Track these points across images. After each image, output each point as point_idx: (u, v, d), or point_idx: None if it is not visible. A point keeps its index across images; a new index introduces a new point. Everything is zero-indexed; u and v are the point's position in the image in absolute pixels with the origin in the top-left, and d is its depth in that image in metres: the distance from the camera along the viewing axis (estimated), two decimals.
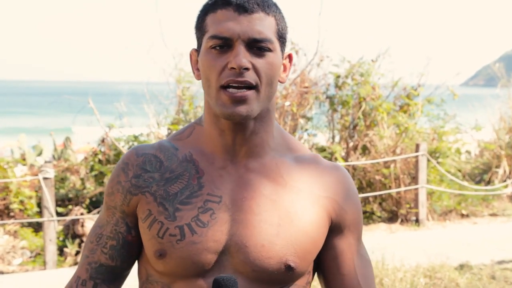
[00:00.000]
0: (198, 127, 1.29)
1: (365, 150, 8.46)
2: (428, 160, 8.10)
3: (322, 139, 9.19)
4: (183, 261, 1.19)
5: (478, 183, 9.48)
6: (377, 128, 8.35)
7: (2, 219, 7.02)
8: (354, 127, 8.52)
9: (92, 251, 1.30)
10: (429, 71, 8.95)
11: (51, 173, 6.16)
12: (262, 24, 1.19)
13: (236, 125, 1.21)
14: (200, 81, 1.24)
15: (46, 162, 6.77)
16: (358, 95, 8.36)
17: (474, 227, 7.95)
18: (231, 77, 1.16)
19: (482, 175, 9.76)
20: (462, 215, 8.54)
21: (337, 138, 8.73)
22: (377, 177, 8.22)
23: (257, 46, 1.18)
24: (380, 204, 8.37)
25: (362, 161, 8.17)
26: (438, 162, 8.40)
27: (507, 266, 5.81)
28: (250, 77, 1.17)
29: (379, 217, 8.27)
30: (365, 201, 8.35)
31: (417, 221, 7.91)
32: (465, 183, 8.47)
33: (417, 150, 7.89)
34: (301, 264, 1.21)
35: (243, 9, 1.18)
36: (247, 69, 1.16)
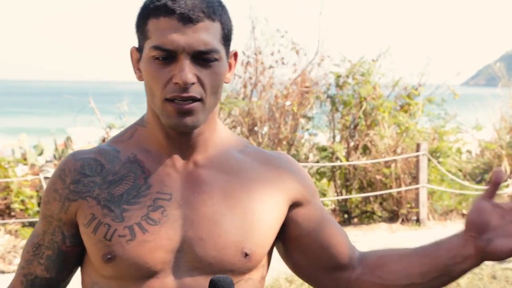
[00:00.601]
0: (140, 128, 1.26)
1: (366, 150, 8.47)
2: (429, 160, 8.10)
3: (322, 139, 9.19)
4: (135, 261, 1.16)
5: (479, 183, 9.48)
6: (377, 128, 8.35)
7: (3, 219, 7.03)
8: (355, 126, 8.52)
9: (28, 262, 1.26)
10: (430, 71, 8.96)
11: (52, 172, 6.16)
12: (207, 34, 1.15)
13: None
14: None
15: (47, 161, 6.79)
16: (359, 95, 8.36)
17: None
18: (176, 93, 1.14)
19: (483, 174, 9.77)
20: (463, 215, 8.54)
21: (338, 138, 8.73)
22: (378, 177, 8.22)
23: (202, 58, 1.15)
24: (380, 204, 8.37)
25: (363, 161, 8.17)
26: (439, 162, 8.40)
27: (508, 266, 5.80)
28: (196, 91, 1.15)
29: (380, 217, 8.27)
30: (366, 201, 8.35)
31: (418, 221, 7.91)
32: (466, 183, 8.48)
33: (418, 150, 7.89)
34: (257, 251, 1.20)
35: (188, 20, 1.14)
36: (192, 83, 1.14)
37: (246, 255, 1.19)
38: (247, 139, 8.02)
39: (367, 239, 7.24)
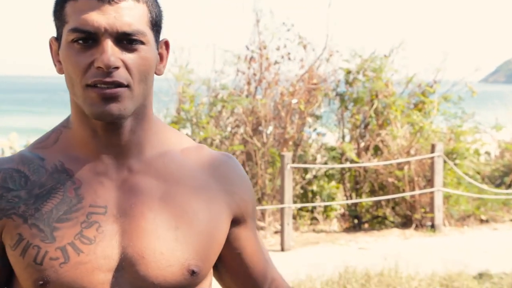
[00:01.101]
0: (65, 130, 1.19)
1: (377, 151, 8.45)
2: (445, 162, 8.08)
3: (331, 138, 9.18)
4: (69, 286, 1.10)
5: (498, 186, 9.45)
6: (390, 128, 8.34)
7: None
8: (366, 126, 8.50)
9: None
10: (446, 67, 8.94)
11: None
12: (131, 14, 1.11)
13: (109, 124, 1.14)
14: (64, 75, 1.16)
15: None
16: (370, 92, 8.34)
17: (494, 233, 7.93)
18: (98, 77, 1.09)
19: (502, 177, 9.73)
20: (481, 221, 8.51)
21: (347, 138, 8.72)
22: (390, 180, 8.20)
23: (127, 39, 1.11)
24: (393, 208, 8.36)
25: (374, 163, 8.16)
26: (455, 164, 8.38)
27: None
28: (121, 76, 1.10)
29: (392, 222, 8.26)
30: (377, 205, 8.34)
31: (432, 226, 7.90)
32: (485, 186, 8.45)
33: (432, 151, 7.87)
34: (204, 266, 1.17)
35: None
36: (116, 68, 1.09)
37: (193, 272, 1.15)
38: (251, 139, 8.02)
39: (378, 246, 7.23)
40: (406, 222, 8.19)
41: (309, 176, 8.43)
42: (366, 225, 8.34)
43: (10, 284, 1.19)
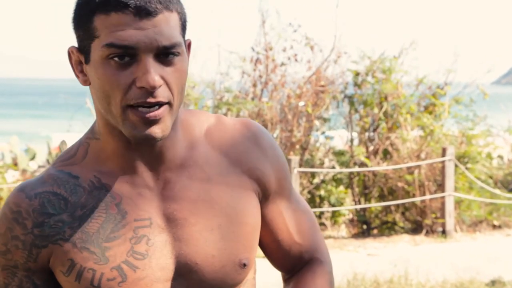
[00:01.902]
0: (92, 142, 1.17)
1: (386, 155, 8.44)
2: (456, 166, 8.05)
3: (339, 142, 9.17)
4: None
5: (511, 191, 9.42)
6: (399, 131, 8.32)
7: None
8: (375, 129, 8.49)
9: None
10: (457, 68, 8.92)
11: None
12: (169, 27, 1.08)
13: None
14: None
15: (39, 166, 6.82)
16: (379, 94, 8.34)
17: (507, 240, 7.90)
18: (142, 99, 1.07)
19: None
20: (494, 226, 8.48)
21: (356, 141, 8.72)
22: (400, 184, 8.18)
23: (165, 54, 1.09)
24: (403, 213, 8.34)
25: (383, 167, 8.14)
26: (467, 168, 8.36)
27: None
28: (163, 95, 1.08)
29: (402, 227, 8.24)
30: (387, 210, 8.32)
31: (443, 232, 7.87)
32: (497, 191, 8.42)
33: (443, 155, 7.85)
34: (252, 255, 1.20)
35: (145, 12, 1.06)
36: (159, 86, 1.08)
37: (244, 265, 1.18)
38: None
39: (388, 252, 7.21)
40: (416, 228, 8.17)
41: (316, 180, 8.42)
42: (375, 231, 8.33)
43: None
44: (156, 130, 1.09)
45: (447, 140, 8.55)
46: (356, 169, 8.19)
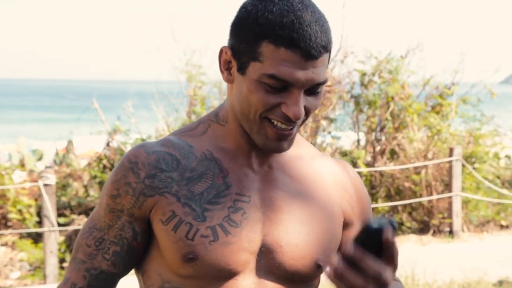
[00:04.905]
0: (215, 125, 1.31)
1: (393, 155, 8.43)
2: (463, 166, 8.03)
3: (346, 142, 9.16)
4: (217, 262, 1.22)
5: None
6: (406, 131, 8.31)
7: None
8: (382, 129, 8.48)
9: (90, 257, 1.29)
10: (464, 68, 8.90)
11: (52, 179, 6.21)
12: (324, 67, 1.21)
13: None
14: (227, 84, 1.28)
15: (46, 167, 6.84)
16: (386, 95, 8.32)
17: None
18: (282, 120, 1.21)
19: None
20: (501, 226, 8.46)
21: (362, 142, 8.71)
22: (407, 184, 8.17)
23: (314, 88, 1.22)
24: (410, 213, 8.33)
25: (390, 167, 8.13)
26: (474, 168, 8.33)
27: None
28: (301, 119, 1.22)
29: (409, 228, 8.22)
30: (394, 210, 8.31)
31: (451, 232, 7.86)
32: (505, 191, 8.40)
33: (451, 155, 7.83)
34: (327, 262, 1.28)
35: (311, 56, 1.18)
36: None
37: (319, 266, 1.28)
38: None
39: None
40: (423, 228, 8.15)
41: None
42: None
43: (144, 258, 1.30)
44: (285, 146, 1.25)
45: (454, 140, 8.53)
46: (363, 169, 8.18)
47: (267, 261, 1.26)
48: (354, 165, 8.36)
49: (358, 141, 8.72)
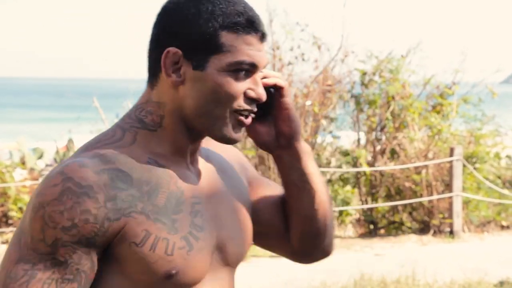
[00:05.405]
0: (142, 131, 1.25)
1: (393, 154, 8.42)
2: (464, 166, 8.03)
3: (346, 142, 9.16)
4: (196, 271, 1.22)
5: None
6: (407, 130, 8.30)
7: None
8: (382, 129, 8.47)
9: None
10: (465, 68, 8.89)
11: None
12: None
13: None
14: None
15: (47, 165, 6.84)
16: (387, 94, 8.32)
17: None
18: (248, 107, 1.25)
19: None
20: (502, 227, 8.45)
21: (363, 141, 8.70)
22: (407, 184, 8.16)
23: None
24: (410, 213, 8.32)
25: (390, 166, 8.13)
26: (475, 168, 8.33)
27: None
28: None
29: (410, 228, 8.22)
30: (394, 210, 8.30)
31: (451, 232, 7.85)
32: (505, 191, 8.39)
33: (451, 155, 7.82)
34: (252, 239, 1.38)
35: (265, 38, 1.26)
36: None
37: (249, 245, 1.36)
38: None
39: (395, 252, 7.20)
40: (423, 228, 8.14)
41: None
42: (382, 231, 8.31)
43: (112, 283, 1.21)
44: (240, 136, 1.28)
45: (455, 139, 8.52)
46: (363, 168, 8.17)
47: (222, 255, 1.29)
48: (356, 164, 8.35)
49: (358, 140, 8.71)
